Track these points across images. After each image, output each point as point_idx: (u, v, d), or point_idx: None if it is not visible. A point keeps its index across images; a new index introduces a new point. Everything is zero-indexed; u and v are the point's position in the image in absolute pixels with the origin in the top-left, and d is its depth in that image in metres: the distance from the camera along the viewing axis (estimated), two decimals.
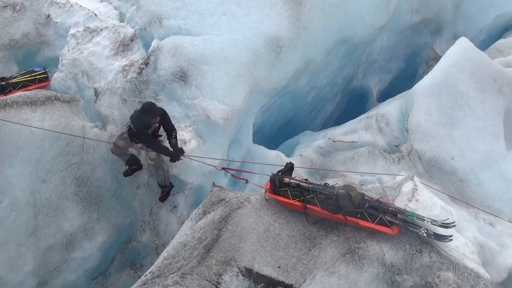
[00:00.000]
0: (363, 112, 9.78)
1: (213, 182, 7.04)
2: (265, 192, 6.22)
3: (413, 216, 5.70)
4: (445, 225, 5.63)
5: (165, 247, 6.44)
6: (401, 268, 5.50)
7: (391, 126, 8.10)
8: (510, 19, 12.15)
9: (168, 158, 7.23)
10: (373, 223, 5.69)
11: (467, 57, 7.71)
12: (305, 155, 8.42)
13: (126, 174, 7.84)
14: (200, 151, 7.48)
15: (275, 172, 6.49)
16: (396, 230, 5.70)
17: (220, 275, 5.09)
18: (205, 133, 7.64)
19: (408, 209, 5.89)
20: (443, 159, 7.45)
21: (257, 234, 5.63)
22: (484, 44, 11.95)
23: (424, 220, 5.67)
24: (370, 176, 7.63)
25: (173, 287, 4.77)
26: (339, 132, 8.64)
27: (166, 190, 7.71)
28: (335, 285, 5.30)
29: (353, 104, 12.56)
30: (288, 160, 8.10)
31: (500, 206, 7.29)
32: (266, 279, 5.26)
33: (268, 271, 5.31)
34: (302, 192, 6.00)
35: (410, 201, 6.02)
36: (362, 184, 7.26)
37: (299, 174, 7.73)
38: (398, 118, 8.12)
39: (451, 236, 5.56)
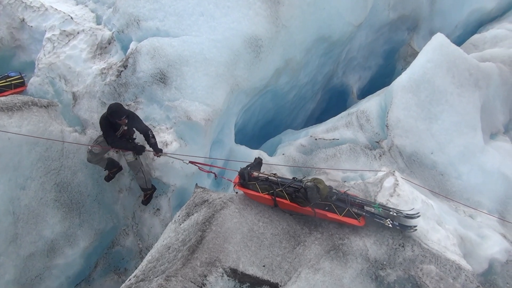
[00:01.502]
0: (344, 109, 9.87)
1: (196, 184, 7.00)
2: (234, 185, 6.29)
3: (379, 207, 5.85)
4: (409, 216, 5.75)
5: (149, 251, 6.38)
6: (384, 262, 5.56)
7: (371, 122, 8.19)
8: (484, 15, 12.43)
9: (150, 160, 7.17)
10: (340, 215, 5.79)
11: (444, 52, 7.84)
12: (288, 154, 8.45)
13: (108, 178, 7.74)
14: (182, 152, 7.43)
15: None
16: (363, 221, 5.83)
17: (205, 276, 5.07)
18: (186, 135, 7.59)
19: (390, 204, 5.96)
20: (423, 153, 7.56)
21: (241, 234, 5.62)
22: (460, 39, 12.19)
23: (390, 211, 5.80)
24: (352, 173, 7.69)
25: None
26: (321, 130, 8.69)
27: (148, 193, 7.65)
28: (320, 282, 5.33)
29: (334, 102, 12.67)
30: (270, 159, 8.12)
31: (479, 198, 7.44)
32: (251, 279, 5.26)
33: (253, 270, 5.30)
34: (271, 185, 6.10)
35: (391, 196, 6.09)
36: (345, 181, 7.32)
37: (282, 172, 7.75)
38: (378, 114, 8.21)
39: (415, 226, 5.69)
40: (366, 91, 12.37)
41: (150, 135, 7.04)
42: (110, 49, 8.67)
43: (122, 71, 7.94)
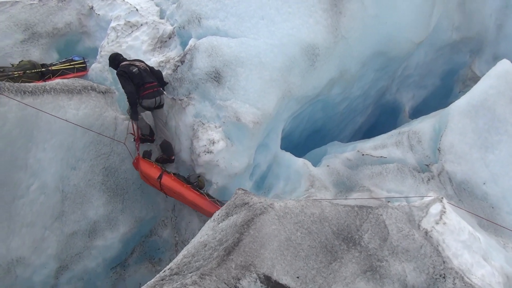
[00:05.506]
0: (393, 126, 9.63)
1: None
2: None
3: None
4: None
5: (185, 245, 6.48)
6: None
7: (423, 144, 7.94)
8: None
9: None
10: None
11: (508, 79, 7.50)
12: (332, 166, 8.33)
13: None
14: (227, 152, 7.52)
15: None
16: None
17: (239, 279, 5.07)
18: (234, 135, 7.65)
19: (434, 232, 5.73)
20: (474, 182, 7.25)
21: (278, 241, 5.59)
22: None
23: None
24: (397, 193, 7.49)
25: (192, 287, 4.77)
26: (369, 146, 8.51)
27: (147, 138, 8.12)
28: None
29: (384, 118, 12.39)
30: (314, 169, 8.05)
31: None
32: None
33: (286, 280, 5.26)
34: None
35: (437, 223, 5.86)
36: (389, 201, 7.13)
37: (325, 184, 7.68)
38: (430, 137, 7.94)
39: None
40: (418, 111, 12.00)
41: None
42: (170, 44, 8.88)
43: (178, 66, 8.11)
